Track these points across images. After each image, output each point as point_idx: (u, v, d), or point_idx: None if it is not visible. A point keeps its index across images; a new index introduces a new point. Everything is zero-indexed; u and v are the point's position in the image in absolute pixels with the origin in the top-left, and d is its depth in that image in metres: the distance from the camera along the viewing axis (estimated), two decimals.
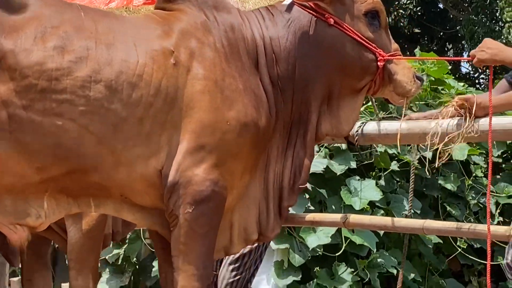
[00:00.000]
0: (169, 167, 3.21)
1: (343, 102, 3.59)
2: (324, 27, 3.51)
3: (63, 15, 3.17)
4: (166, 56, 3.24)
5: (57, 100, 3.03)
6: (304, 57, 3.51)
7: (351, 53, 3.52)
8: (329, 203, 5.89)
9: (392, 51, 3.60)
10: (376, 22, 3.58)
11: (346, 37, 3.51)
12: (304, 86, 3.51)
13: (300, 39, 3.52)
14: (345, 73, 3.54)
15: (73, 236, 3.95)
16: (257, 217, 3.53)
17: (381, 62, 3.52)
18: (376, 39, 3.56)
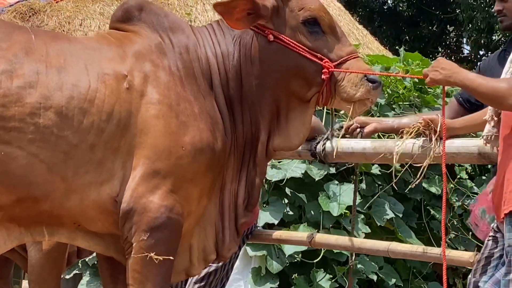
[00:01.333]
0: (123, 193, 3.14)
1: (292, 115, 3.47)
2: (265, 43, 3.39)
3: (12, 37, 3.11)
4: (119, 80, 3.17)
5: (4, 128, 2.97)
6: (248, 76, 3.42)
7: (293, 67, 3.38)
8: (307, 208, 5.80)
9: (345, 55, 3.40)
10: (317, 29, 3.40)
11: (287, 51, 3.37)
12: (251, 105, 3.43)
13: (244, 57, 3.43)
14: (290, 87, 3.42)
15: (34, 256, 3.89)
16: (214, 237, 3.47)
17: (325, 75, 3.36)
18: (320, 47, 3.39)
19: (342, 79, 3.37)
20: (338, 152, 3.78)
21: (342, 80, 3.37)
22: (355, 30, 12.73)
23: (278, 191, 5.90)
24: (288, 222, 5.81)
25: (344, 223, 5.78)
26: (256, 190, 3.50)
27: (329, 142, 3.88)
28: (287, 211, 5.86)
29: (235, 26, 3.35)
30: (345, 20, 12.74)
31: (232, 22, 3.32)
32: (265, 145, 3.47)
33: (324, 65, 3.36)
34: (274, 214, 5.72)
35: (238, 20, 3.31)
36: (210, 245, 3.46)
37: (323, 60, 3.37)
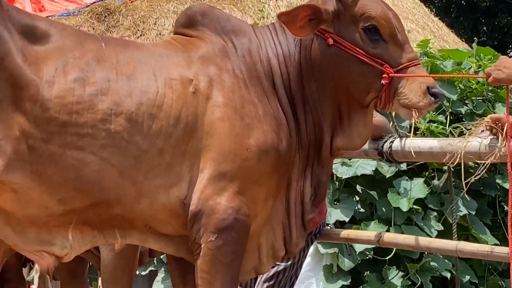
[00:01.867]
0: (191, 196, 3.21)
1: (354, 118, 3.47)
2: (325, 46, 3.40)
3: (84, 46, 3.19)
4: (185, 84, 3.24)
5: (78, 134, 3.06)
6: (309, 78, 3.45)
7: (352, 72, 3.38)
8: (379, 205, 5.78)
9: (406, 62, 3.37)
10: (377, 36, 3.38)
11: (347, 55, 3.37)
12: (312, 106, 3.46)
13: (304, 59, 3.45)
14: (349, 91, 3.42)
15: (106, 256, 3.98)
16: (282, 234, 3.51)
17: (385, 80, 3.34)
18: (380, 53, 3.37)
19: (403, 87, 3.34)
20: (405, 151, 3.78)
21: (403, 87, 3.34)
22: (430, 23, 12.60)
23: (348, 189, 5.91)
24: (359, 219, 5.81)
25: (416, 219, 5.74)
26: (322, 187, 3.54)
27: (396, 141, 3.87)
28: (358, 208, 5.86)
29: (298, 34, 3.36)
30: (419, 13, 12.63)
31: (296, 31, 3.34)
32: (329, 145, 3.49)
33: (384, 70, 3.34)
34: (345, 211, 5.73)
35: (301, 27, 3.33)
36: (278, 242, 3.50)
37: (383, 66, 3.35)
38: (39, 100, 3.02)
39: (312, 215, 3.54)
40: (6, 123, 2.98)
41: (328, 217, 5.66)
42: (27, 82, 3.01)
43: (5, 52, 2.99)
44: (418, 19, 12.30)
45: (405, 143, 3.80)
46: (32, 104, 3.02)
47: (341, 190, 5.89)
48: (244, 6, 11.55)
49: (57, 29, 3.19)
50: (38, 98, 3.02)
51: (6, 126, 2.98)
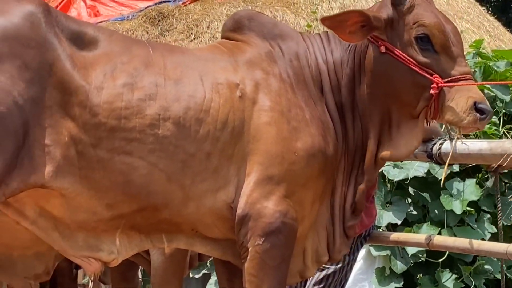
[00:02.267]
0: (238, 200, 3.23)
1: (403, 127, 3.43)
2: (378, 54, 3.38)
3: (132, 51, 3.23)
4: (231, 89, 3.25)
5: (126, 139, 3.09)
6: (361, 84, 3.43)
7: (403, 80, 3.34)
8: (431, 207, 5.73)
9: (458, 75, 3.31)
10: (429, 46, 3.34)
11: (398, 64, 3.34)
12: (362, 114, 3.44)
13: (357, 66, 3.44)
14: (399, 100, 3.39)
15: (156, 260, 3.99)
16: (326, 239, 3.51)
17: (434, 90, 3.28)
18: (431, 63, 3.32)
19: (451, 100, 3.29)
20: (455, 153, 3.74)
21: (451, 101, 3.29)
22: (486, 22, 12.43)
23: (401, 191, 5.87)
24: (411, 221, 5.76)
25: (469, 221, 5.68)
26: (362, 196, 3.50)
27: (445, 143, 3.83)
28: (411, 211, 5.81)
29: (348, 39, 3.35)
30: (474, 13, 12.47)
31: (345, 36, 3.32)
32: (374, 154, 3.46)
33: (433, 80, 3.29)
34: (397, 214, 5.69)
35: (351, 33, 3.32)
36: (322, 247, 3.50)
37: (433, 76, 3.30)
38: (88, 106, 3.06)
39: (351, 222, 3.52)
40: (55, 129, 3.03)
41: (380, 219, 5.64)
42: (76, 87, 3.05)
43: (54, 58, 3.04)
44: (473, 18, 12.16)
45: (454, 145, 3.75)
46: (81, 109, 3.06)
47: (393, 192, 5.85)
48: (297, 8, 11.54)
49: (105, 35, 3.23)
50: (87, 103, 3.06)
51: (56, 131, 3.03)
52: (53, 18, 3.12)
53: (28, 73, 3.00)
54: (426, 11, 3.39)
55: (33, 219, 3.16)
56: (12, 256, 3.38)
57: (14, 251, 3.36)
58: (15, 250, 3.36)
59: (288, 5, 11.53)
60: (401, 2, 3.37)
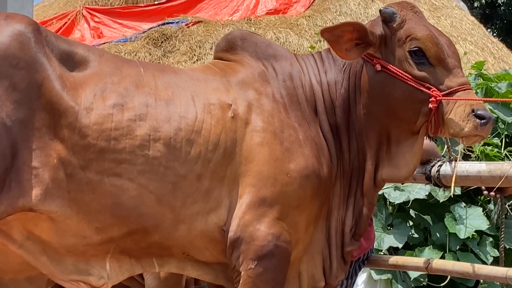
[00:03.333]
0: (230, 222, 3.16)
1: (403, 146, 3.37)
2: (373, 72, 3.33)
3: (122, 71, 3.18)
4: (224, 109, 3.20)
5: (115, 160, 3.03)
6: (356, 104, 3.38)
7: (401, 96, 3.28)
8: (433, 231, 5.65)
9: (456, 86, 3.26)
10: (423, 59, 3.28)
11: (394, 80, 3.29)
12: (358, 134, 3.38)
13: (353, 86, 3.39)
14: (398, 117, 3.33)
15: (150, 284, 3.94)
16: (322, 264, 3.43)
17: (432, 104, 3.23)
18: (428, 77, 3.27)
19: (449, 112, 3.23)
20: None
21: (449, 113, 3.23)
22: (490, 44, 12.42)
23: (402, 214, 5.78)
24: (413, 245, 5.68)
25: (471, 246, 5.59)
26: (364, 219, 3.43)
27: (444, 165, 3.77)
28: (412, 234, 5.73)
29: (344, 56, 3.30)
30: (478, 34, 12.46)
31: (342, 53, 3.28)
32: (373, 175, 3.40)
33: (432, 94, 3.24)
34: (399, 237, 5.61)
35: (348, 50, 3.27)
36: (318, 273, 3.42)
37: (431, 89, 3.25)
38: (77, 127, 3.00)
39: (351, 247, 3.45)
40: (44, 151, 2.97)
41: (381, 243, 5.56)
42: (65, 109, 3.00)
43: (43, 78, 2.99)
44: (477, 40, 12.14)
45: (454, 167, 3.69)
46: (70, 131, 3.00)
47: (394, 215, 5.77)
48: (301, 30, 11.55)
49: (95, 55, 3.18)
50: (76, 125, 3.00)
51: (44, 154, 2.97)
52: (43, 37, 3.07)
53: (16, 94, 2.94)
54: (417, 24, 3.35)
55: (21, 242, 3.10)
56: (3, 280, 3.32)
57: (5, 275, 3.31)
58: (6, 274, 3.31)
59: (292, 26, 11.55)
60: (392, 19, 3.33)
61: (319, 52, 3.56)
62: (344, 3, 12.18)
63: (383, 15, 3.35)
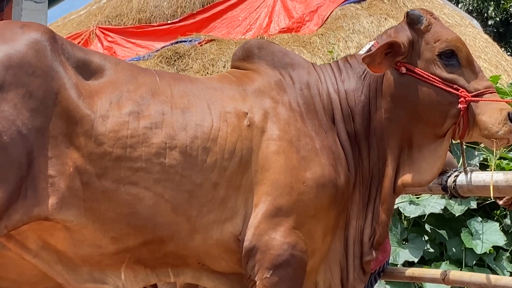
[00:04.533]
0: (245, 231, 3.13)
1: (425, 150, 3.35)
2: (397, 76, 3.33)
3: (138, 80, 3.17)
4: (240, 118, 3.18)
5: (131, 168, 3.01)
6: (377, 110, 3.36)
7: (427, 99, 3.28)
8: (449, 245, 5.61)
9: (482, 89, 3.29)
10: (453, 61, 3.31)
11: (420, 83, 3.29)
12: (379, 140, 3.36)
13: (374, 92, 3.37)
14: (423, 120, 3.31)
15: None
16: (340, 274, 3.40)
17: (462, 104, 3.25)
18: (456, 79, 3.29)
19: (483, 114, 3.25)
20: (470, 186, 3.63)
21: (483, 114, 3.25)
22: (503, 62, 12.38)
23: (417, 228, 5.75)
24: (428, 260, 5.64)
25: (488, 261, 5.55)
26: (382, 227, 3.40)
27: (461, 176, 3.73)
28: (428, 249, 5.70)
29: (377, 70, 3.29)
30: (492, 52, 12.42)
31: (375, 68, 3.27)
32: (393, 180, 3.37)
33: (461, 95, 3.26)
34: (414, 251, 5.57)
35: (380, 64, 3.27)
36: (336, 283, 3.40)
37: (459, 90, 3.27)
38: (93, 135, 2.98)
39: (370, 257, 3.41)
40: (60, 160, 2.95)
41: (396, 257, 5.52)
42: (81, 117, 2.98)
43: (60, 86, 2.97)
44: (491, 58, 12.10)
45: (470, 178, 3.65)
46: (86, 139, 2.98)
47: (410, 229, 5.74)
48: (314, 48, 11.54)
49: (112, 64, 3.18)
50: (92, 133, 2.98)
51: (60, 162, 2.94)
52: (59, 46, 3.06)
53: (33, 102, 2.93)
54: (443, 28, 3.38)
55: (36, 252, 3.08)
56: None
57: (21, 287, 3.28)
58: (22, 286, 3.27)
59: (305, 44, 11.54)
60: (419, 21, 3.35)
61: (336, 61, 3.55)
62: (357, 21, 12.19)
63: (410, 17, 3.36)
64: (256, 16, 13.21)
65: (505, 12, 20.00)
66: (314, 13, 12.81)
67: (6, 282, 3.24)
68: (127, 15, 13.78)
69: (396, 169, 3.38)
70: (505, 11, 19.95)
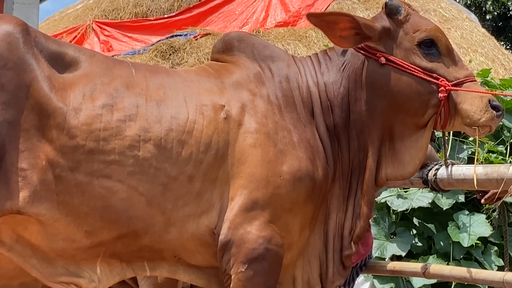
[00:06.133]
0: (221, 225, 3.11)
1: (407, 141, 3.34)
2: (377, 66, 3.31)
3: (113, 72, 3.14)
4: (216, 110, 3.16)
5: (105, 162, 2.99)
6: (357, 102, 3.34)
7: (407, 89, 3.27)
8: (437, 239, 5.56)
9: (462, 78, 3.29)
10: (433, 50, 3.30)
11: (400, 73, 3.27)
12: (359, 131, 3.34)
13: (353, 83, 3.35)
14: (404, 111, 3.30)
15: None
16: (319, 268, 3.38)
17: (442, 93, 3.24)
18: (436, 68, 3.28)
19: (464, 102, 3.25)
20: (451, 179, 3.62)
21: (464, 103, 3.25)
22: (500, 55, 12.34)
23: (405, 222, 5.70)
24: (416, 253, 5.60)
25: (476, 255, 5.52)
26: (364, 220, 3.38)
27: (441, 169, 3.71)
28: (415, 242, 5.65)
29: (338, 43, 3.29)
30: (489, 46, 12.38)
31: (336, 39, 3.27)
32: (374, 172, 3.35)
33: (441, 84, 3.26)
34: (402, 245, 5.53)
35: (343, 38, 3.27)
36: (314, 277, 3.37)
37: (439, 79, 3.27)
38: (66, 128, 2.96)
39: (349, 251, 3.39)
40: (32, 153, 2.93)
41: (384, 251, 5.49)
42: (53, 110, 2.96)
43: (32, 79, 2.95)
44: (487, 52, 12.07)
45: (451, 171, 3.63)
46: (58, 132, 2.96)
47: (398, 223, 5.69)
48: (309, 42, 11.52)
49: (86, 56, 3.15)
50: (65, 126, 2.96)
51: (32, 155, 2.93)
52: (31, 38, 3.04)
53: (4, 95, 2.91)
54: (421, 18, 3.39)
55: (10, 245, 3.06)
56: None
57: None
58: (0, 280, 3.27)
59: (300, 38, 11.51)
60: (397, 12, 3.34)
61: (315, 54, 3.52)
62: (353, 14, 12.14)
63: (388, 8, 3.36)
64: (252, 10, 13.19)
65: (503, 6, 19.95)
66: (311, 7, 12.77)
67: None
68: (124, 9, 13.77)
69: (378, 161, 3.36)
70: (503, 5, 19.90)
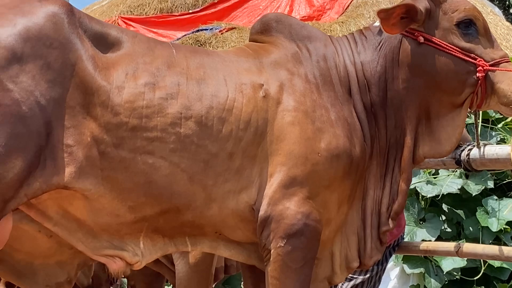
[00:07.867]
0: (260, 201, 3.18)
1: (444, 120, 3.40)
2: (415, 45, 3.37)
3: (155, 52, 3.20)
4: (255, 89, 3.22)
5: (147, 138, 3.05)
6: (394, 80, 3.40)
7: (445, 68, 3.33)
8: (466, 225, 5.63)
9: (498, 58, 3.34)
10: (471, 30, 3.35)
11: (438, 52, 3.34)
12: (396, 109, 3.40)
13: (390, 62, 3.41)
14: (441, 89, 3.36)
15: (181, 269, 3.93)
16: (357, 244, 3.44)
17: (480, 73, 3.30)
18: (474, 48, 3.34)
19: (501, 82, 3.30)
20: (484, 159, 3.67)
21: (502, 82, 3.30)
22: None
23: (434, 208, 5.77)
24: (445, 239, 5.66)
25: (505, 239, 5.56)
26: (402, 196, 3.44)
27: (474, 149, 3.76)
28: (445, 228, 5.71)
29: (389, 31, 3.34)
30: None
31: (388, 27, 3.32)
32: (411, 150, 3.41)
33: (479, 64, 3.31)
34: (431, 231, 5.59)
35: (394, 25, 3.32)
36: (352, 253, 3.44)
37: (477, 59, 3.32)
38: (110, 106, 3.03)
39: (387, 227, 3.44)
40: (77, 130, 2.99)
41: (413, 237, 5.55)
42: (97, 88, 3.02)
43: (77, 58, 3.02)
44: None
45: (483, 151, 3.68)
46: (103, 109, 3.02)
47: (427, 209, 5.76)
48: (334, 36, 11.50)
49: (128, 36, 3.22)
50: (109, 103, 3.03)
51: (78, 132, 2.99)
52: (76, 19, 3.11)
53: (51, 74, 2.97)
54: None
55: (56, 220, 3.13)
56: (33, 265, 3.35)
57: (35, 260, 3.34)
58: (36, 259, 3.33)
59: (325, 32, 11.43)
60: None
61: (351, 33, 3.58)
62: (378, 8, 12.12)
63: None
64: (277, 5, 13.19)
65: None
66: (335, 1, 12.78)
67: (21, 254, 3.31)
68: (149, 4, 13.80)
69: (415, 138, 3.42)
70: None
